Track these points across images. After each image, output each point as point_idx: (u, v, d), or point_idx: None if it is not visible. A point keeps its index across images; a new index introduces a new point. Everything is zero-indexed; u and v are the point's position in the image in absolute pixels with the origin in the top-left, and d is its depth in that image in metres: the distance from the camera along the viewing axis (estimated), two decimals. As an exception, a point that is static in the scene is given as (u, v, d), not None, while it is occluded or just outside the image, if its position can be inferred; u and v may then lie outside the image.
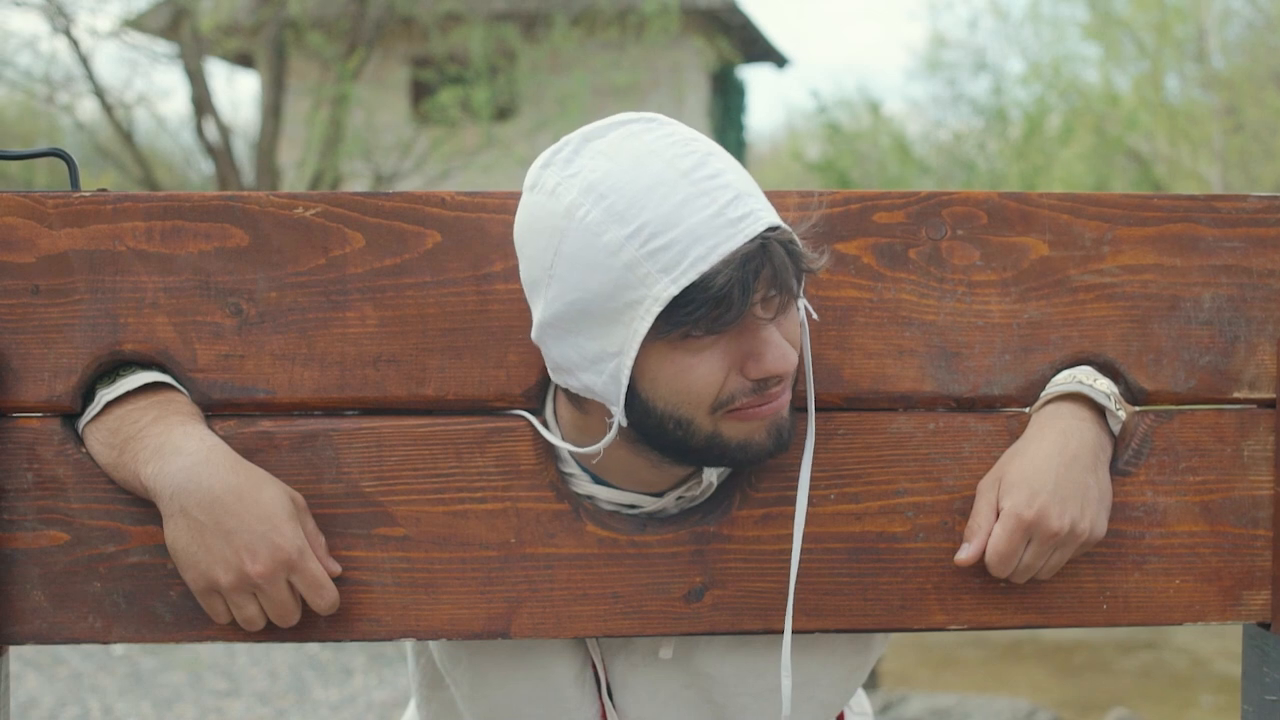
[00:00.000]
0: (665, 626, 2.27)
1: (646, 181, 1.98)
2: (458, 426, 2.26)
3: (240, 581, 2.10)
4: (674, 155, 2.00)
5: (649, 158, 2.00)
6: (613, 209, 1.98)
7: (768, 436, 2.13)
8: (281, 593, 2.13)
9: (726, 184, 1.99)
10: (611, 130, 2.06)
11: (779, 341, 2.06)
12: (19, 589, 2.22)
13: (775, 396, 2.10)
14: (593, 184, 2.00)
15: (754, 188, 2.05)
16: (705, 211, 1.97)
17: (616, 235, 1.97)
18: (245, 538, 2.08)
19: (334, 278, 2.26)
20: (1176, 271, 2.36)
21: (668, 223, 1.97)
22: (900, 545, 2.30)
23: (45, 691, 9.92)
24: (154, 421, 2.17)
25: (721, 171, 2.00)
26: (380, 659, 11.08)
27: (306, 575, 2.13)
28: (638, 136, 2.03)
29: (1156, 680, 12.41)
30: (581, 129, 2.07)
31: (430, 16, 20.06)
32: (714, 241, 1.96)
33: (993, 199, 2.34)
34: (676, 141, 2.02)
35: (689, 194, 1.97)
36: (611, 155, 2.02)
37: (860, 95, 26.82)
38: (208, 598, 2.14)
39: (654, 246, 1.96)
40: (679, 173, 1.98)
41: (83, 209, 2.25)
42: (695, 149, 2.02)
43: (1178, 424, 2.35)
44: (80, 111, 20.61)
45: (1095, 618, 2.34)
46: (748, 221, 1.98)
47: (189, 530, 2.10)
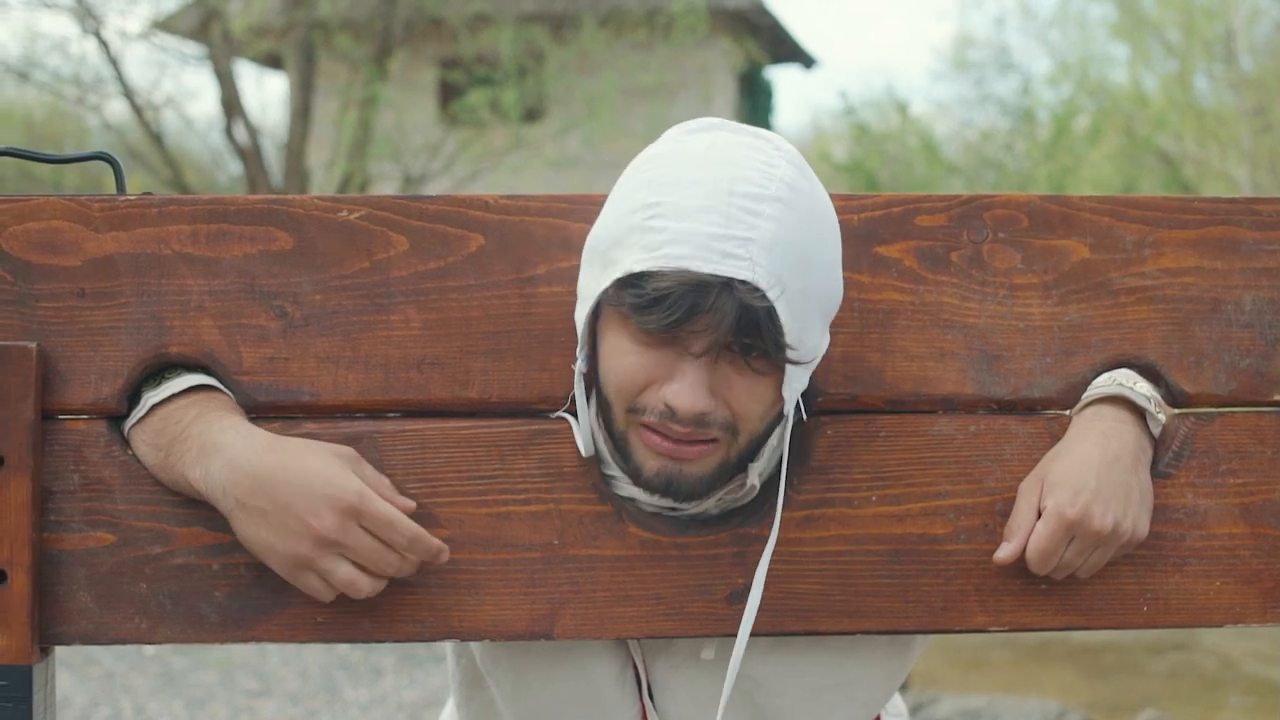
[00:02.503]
0: (707, 628, 2.28)
1: (696, 177, 2.01)
2: (501, 429, 2.27)
3: (317, 544, 2.07)
4: (741, 175, 2.01)
5: (720, 165, 2.02)
6: (657, 179, 2.04)
7: (656, 474, 2.14)
8: (363, 540, 2.08)
9: (753, 225, 1.98)
10: (731, 133, 2.10)
11: (694, 382, 2.06)
12: (66, 590, 2.23)
13: (678, 438, 2.10)
14: (669, 154, 2.08)
15: (786, 250, 2.01)
16: (711, 229, 1.98)
17: (641, 199, 2.04)
18: (304, 502, 2.06)
19: (378, 280, 2.27)
20: (1217, 274, 2.36)
21: (677, 214, 1.99)
22: (941, 547, 2.30)
23: (78, 691, 9.95)
24: (195, 420, 2.18)
25: (762, 215, 1.99)
26: (411, 659, 11.09)
27: (374, 514, 2.07)
28: (738, 148, 2.06)
29: (1186, 681, 12.37)
30: (732, 123, 2.13)
31: (459, 18, 20.10)
32: (691, 253, 1.97)
33: (1034, 202, 2.34)
34: (758, 166, 2.03)
35: (715, 208, 1.98)
36: (704, 145, 2.07)
37: (888, 96, 26.77)
38: (300, 576, 2.11)
39: (653, 225, 2.00)
40: (727, 189, 1.99)
41: (128, 212, 2.26)
42: (766, 182, 2.02)
43: (1218, 426, 2.35)
44: (109, 113, 20.75)
45: (1136, 619, 2.34)
46: (734, 263, 1.97)
47: (251, 520, 2.10)
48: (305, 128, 19.15)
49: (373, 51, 19.27)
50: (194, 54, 20.37)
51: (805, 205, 2.05)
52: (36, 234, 2.25)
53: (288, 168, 18.96)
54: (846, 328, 2.28)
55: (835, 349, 2.27)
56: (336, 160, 19.49)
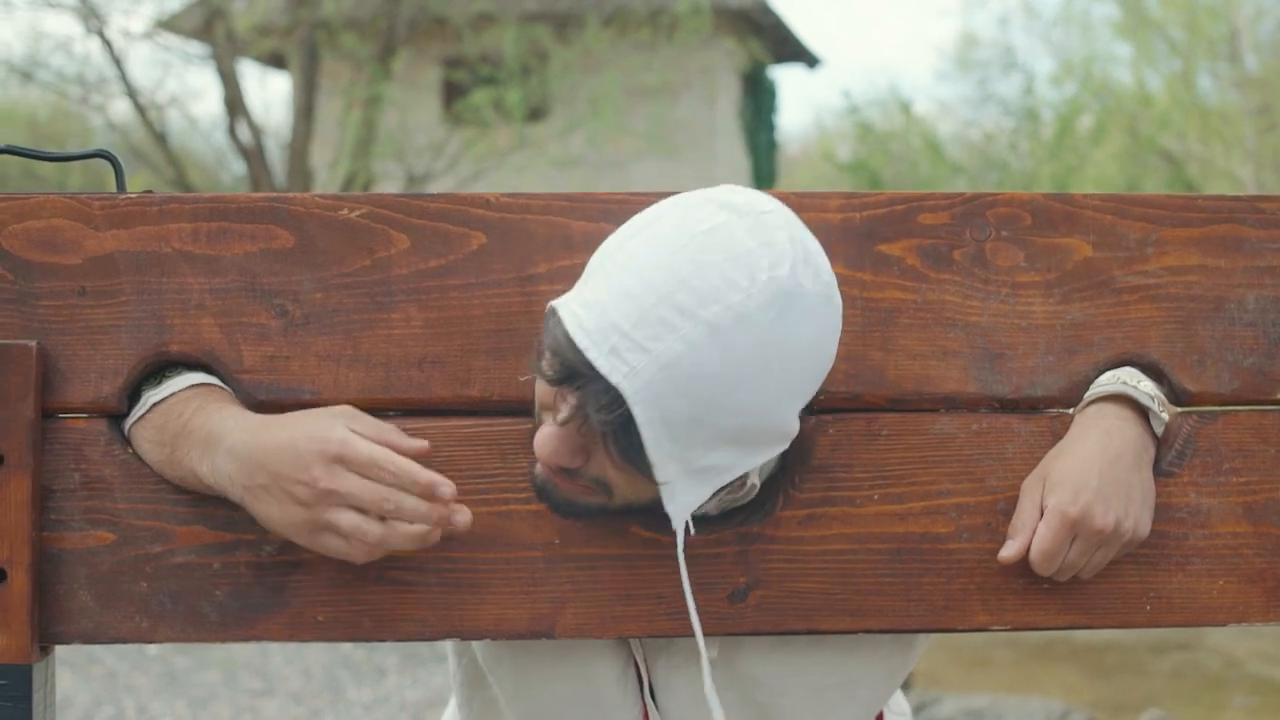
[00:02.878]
0: (709, 627, 2.26)
1: (655, 261, 1.93)
2: (502, 427, 2.26)
3: (316, 499, 2.03)
4: (690, 284, 1.90)
5: (685, 263, 1.92)
6: (634, 237, 1.98)
7: (536, 474, 2.18)
8: (355, 484, 2.02)
9: (660, 339, 1.89)
10: (742, 231, 1.95)
11: (553, 437, 2.04)
12: (66, 589, 2.23)
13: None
14: (669, 217, 1.98)
15: (687, 378, 1.90)
16: (620, 320, 1.91)
17: (613, 246, 2.01)
18: (292, 462, 2.03)
19: (379, 279, 2.26)
20: (1221, 273, 2.35)
21: (611, 284, 1.94)
22: (943, 546, 2.29)
23: (80, 691, 9.95)
24: (196, 412, 2.17)
25: (678, 332, 1.89)
26: (414, 659, 11.09)
27: (356, 456, 2.02)
28: (721, 254, 1.92)
29: (1190, 681, 12.37)
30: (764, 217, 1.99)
31: (463, 17, 20.09)
32: (590, 330, 1.93)
33: (1037, 200, 2.33)
34: (719, 283, 1.90)
35: (641, 301, 1.91)
36: (703, 230, 1.95)
37: (892, 95, 26.78)
38: (321, 540, 2.07)
39: (594, 276, 1.99)
40: (666, 291, 1.90)
41: (128, 210, 2.26)
42: (709, 304, 1.89)
43: (1221, 425, 2.34)
44: (113, 112, 20.73)
45: (1139, 619, 2.33)
46: (614, 363, 1.91)
47: (260, 500, 2.08)
48: (309, 127, 19.16)
49: (376, 51, 19.28)
50: (198, 53, 20.37)
51: (745, 342, 1.91)
52: (37, 232, 2.24)
53: (291, 167, 18.96)
54: (849, 326, 2.26)
55: (838, 348, 2.27)
56: (340, 160, 19.51)
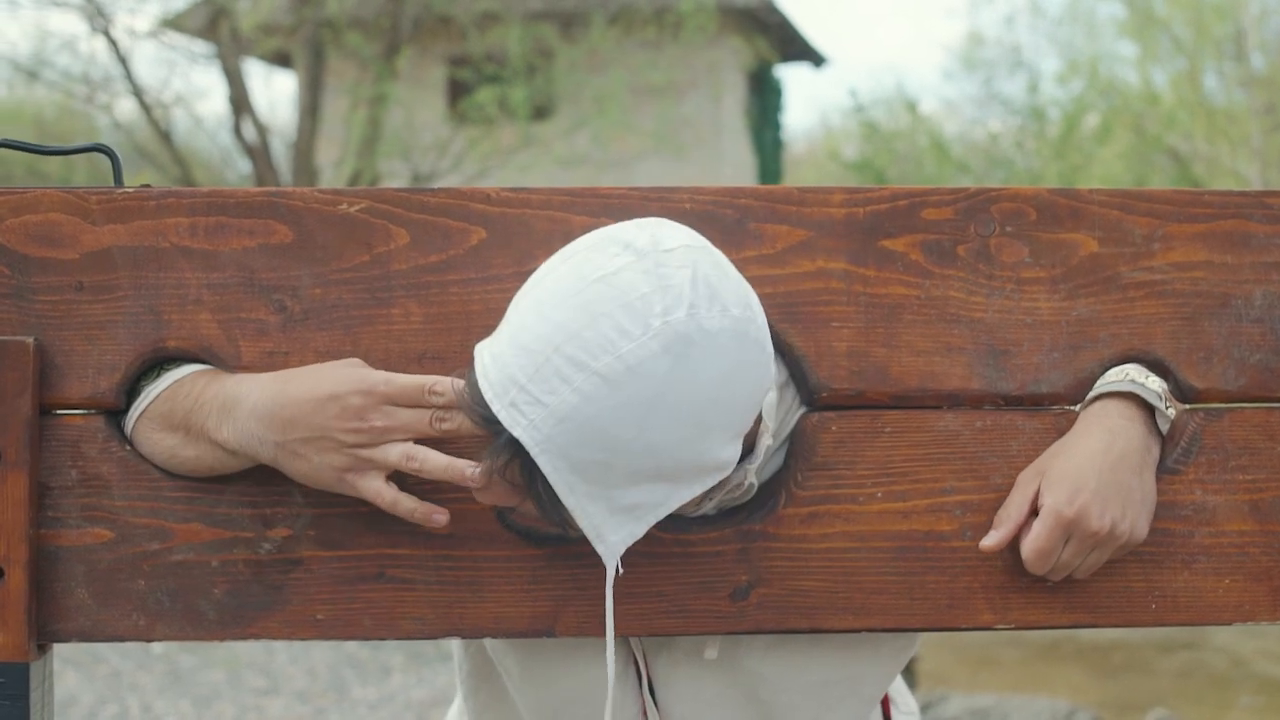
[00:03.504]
0: (710, 625, 2.26)
1: (551, 314, 1.90)
2: (503, 424, 2.24)
3: (358, 442, 2.06)
4: (582, 335, 1.87)
5: (579, 311, 1.88)
6: (539, 285, 1.96)
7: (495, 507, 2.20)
8: (408, 415, 2.06)
9: (554, 391, 1.86)
10: (638, 274, 1.90)
11: (484, 477, 2.02)
12: (63, 586, 2.22)
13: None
14: (573, 264, 1.94)
15: (583, 427, 1.87)
16: (518, 374, 1.89)
17: (520, 294, 1.98)
18: (334, 409, 2.05)
19: (378, 274, 2.25)
20: (1227, 269, 2.34)
21: (512, 337, 1.92)
22: (947, 544, 2.28)
23: (85, 690, 9.96)
24: (206, 385, 2.17)
25: (572, 384, 1.86)
26: (419, 658, 11.10)
27: (404, 386, 2.06)
28: (616, 299, 1.87)
29: (1196, 680, 12.38)
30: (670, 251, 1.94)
31: (468, 16, 20.12)
32: (494, 383, 1.90)
33: (1042, 195, 2.32)
34: (610, 332, 1.86)
35: (536, 354, 1.88)
36: (598, 275, 1.90)
37: (898, 94, 26.80)
38: (365, 480, 2.09)
39: (503, 327, 1.96)
40: (558, 343, 1.87)
41: (126, 205, 2.25)
42: (600, 354, 1.86)
43: (1227, 422, 2.33)
44: (118, 111, 20.73)
45: (1144, 617, 2.32)
46: (515, 415, 1.89)
47: (298, 456, 2.09)
48: (314, 126, 19.18)
49: (381, 49, 19.30)
50: (203, 52, 20.38)
51: (639, 389, 1.87)
52: (34, 227, 2.23)
53: (296, 166, 18.98)
54: (852, 323, 2.26)
55: (840, 344, 2.26)
56: (345, 158, 19.52)
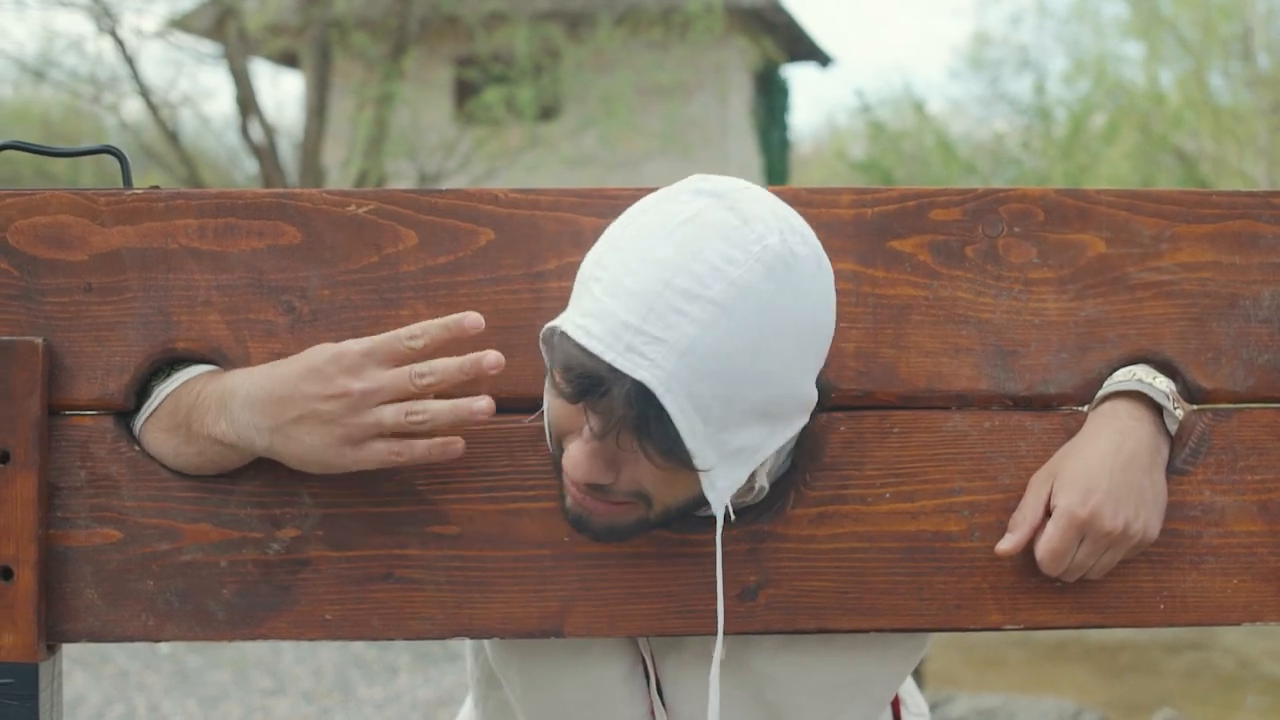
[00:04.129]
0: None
1: (646, 255, 1.93)
2: (511, 424, 2.25)
3: (353, 406, 2.05)
4: (688, 268, 1.90)
5: (676, 248, 1.92)
6: (619, 242, 1.98)
7: (570, 509, 2.14)
8: (390, 375, 2.06)
9: (673, 326, 1.88)
10: (722, 210, 1.95)
11: (587, 454, 2.01)
12: (72, 587, 2.22)
13: (574, 488, 2.09)
14: (648, 215, 1.99)
15: (705, 359, 1.89)
16: (629, 318, 1.90)
17: (598, 256, 2.00)
18: (317, 382, 2.05)
19: (387, 275, 2.25)
20: (1235, 269, 2.33)
21: (609, 290, 1.93)
22: (956, 544, 2.28)
23: (92, 690, 9.97)
24: (206, 384, 2.18)
25: (688, 316, 1.88)
26: (425, 658, 11.10)
27: (377, 343, 2.06)
28: (709, 232, 1.92)
29: (1203, 681, 12.37)
30: (742, 194, 1.99)
31: (475, 16, 20.12)
32: (601, 336, 1.91)
33: (1050, 196, 2.32)
34: (715, 259, 1.90)
35: (644, 296, 1.90)
36: (682, 218, 1.95)
37: (905, 94, 26.79)
38: (368, 452, 2.08)
39: (590, 290, 1.96)
40: (665, 280, 1.90)
41: (135, 206, 2.25)
42: (712, 281, 1.89)
43: (1236, 423, 2.33)
44: (125, 112, 20.76)
45: (1152, 618, 2.31)
46: (634, 359, 1.89)
47: (292, 438, 2.08)
48: (321, 126, 19.17)
49: (388, 50, 19.29)
50: (210, 53, 20.40)
51: (752, 313, 1.91)
52: (43, 228, 2.23)
53: (303, 166, 18.98)
54: (860, 323, 2.26)
55: (848, 344, 2.26)
56: (352, 158, 19.52)
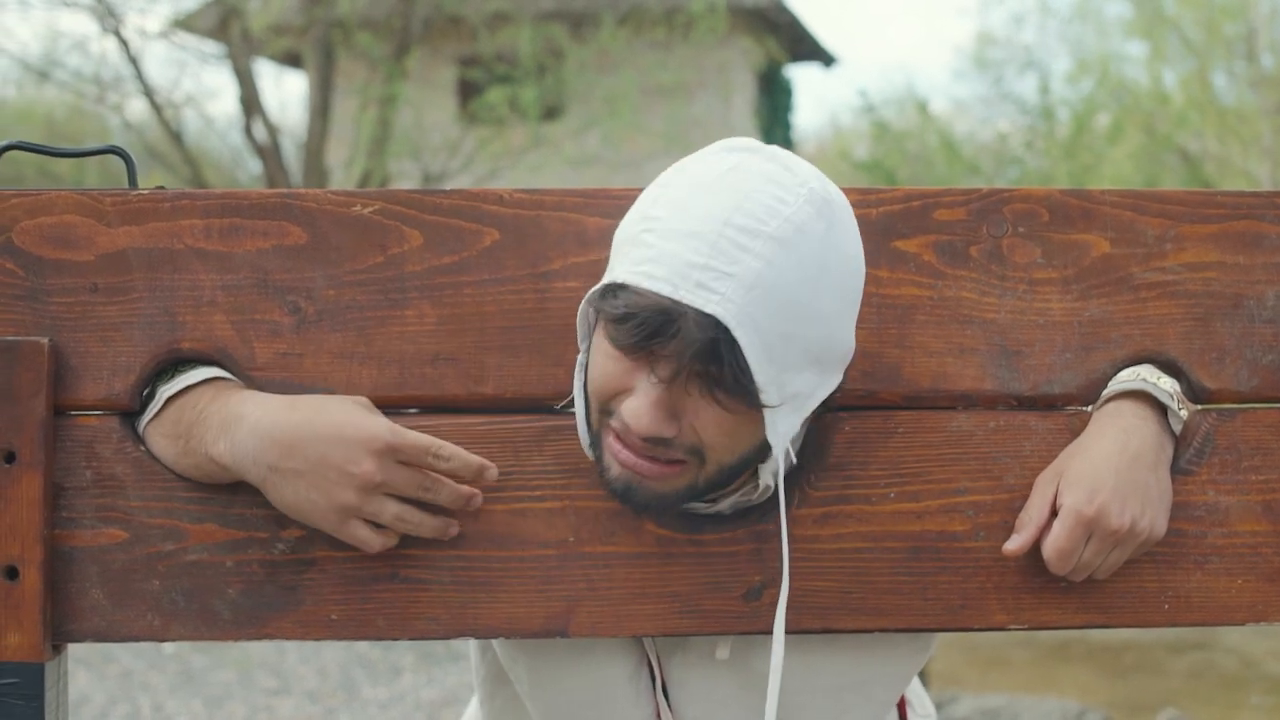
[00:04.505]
0: (724, 625, 2.26)
1: (700, 200, 1.99)
2: (516, 425, 2.25)
3: (361, 490, 2.07)
4: (744, 207, 1.96)
5: (729, 192, 1.98)
6: (666, 194, 2.04)
7: (617, 479, 2.12)
8: (403, 475, 2.09)
9: (737, 260, 1.94)
10: (762, 160, 2.04)
11: (652, 404, 2.02)
12: (78, 587, 2.22)
13: (631, 450, 2.08)
14: (691, 170, 2.06)
15: (769, 292, 1.95)
16: (693, 256, 1.94)
17: (645, 210, 2.04)
18: (340, 452, 2.07)
19: (392, 276, 2.26)
20: (1240, 269, 2.34)
21: (667, 234, 1.97)
22: (960, 544, 2.28)
23: (96, 689, 9.97)
24: (212, 401, 2.18)
25: (751, 251, 1.94)
26: (429, 658, 11.10)
27: (411, 445, 2.08)
28: (757, 177, 2.00)
29: (1206, 681, 12.36)
30: (773, 150, 2.08)
31: (478, 16, 20.11)
32: (667, 277, 1.95)
33: (1054, 196, 2.32)
34: (768, 200, 1.98)
35: (705, 235, 1.95)
36: (726, 167, 2.02)
37: (908, 94, 26.79)
38: (347, 528, 2.11)
39: (644, 239, 1.99)
40: (724, 219, 1.95)
41: (140, 207, 2.25)
42: (768, 218, 1.96)
43: (1240, 423, 2.33)
44: (129, 112, 20.75)
45: (1157, 618, 2.31)
46: (705, 295, 1.93)
47: (288, 483, 2.09)
48: (324, 126, 19.17)
49: (392, 50, 19.29)
50: (213, 53, 20.40)
51: (809, 250, 1.98)
52: (49, 228, 2.24)
53: (307, 166, 18.99)
54: (864, 323, 2.25)
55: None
56: (356, 158, 19.52)
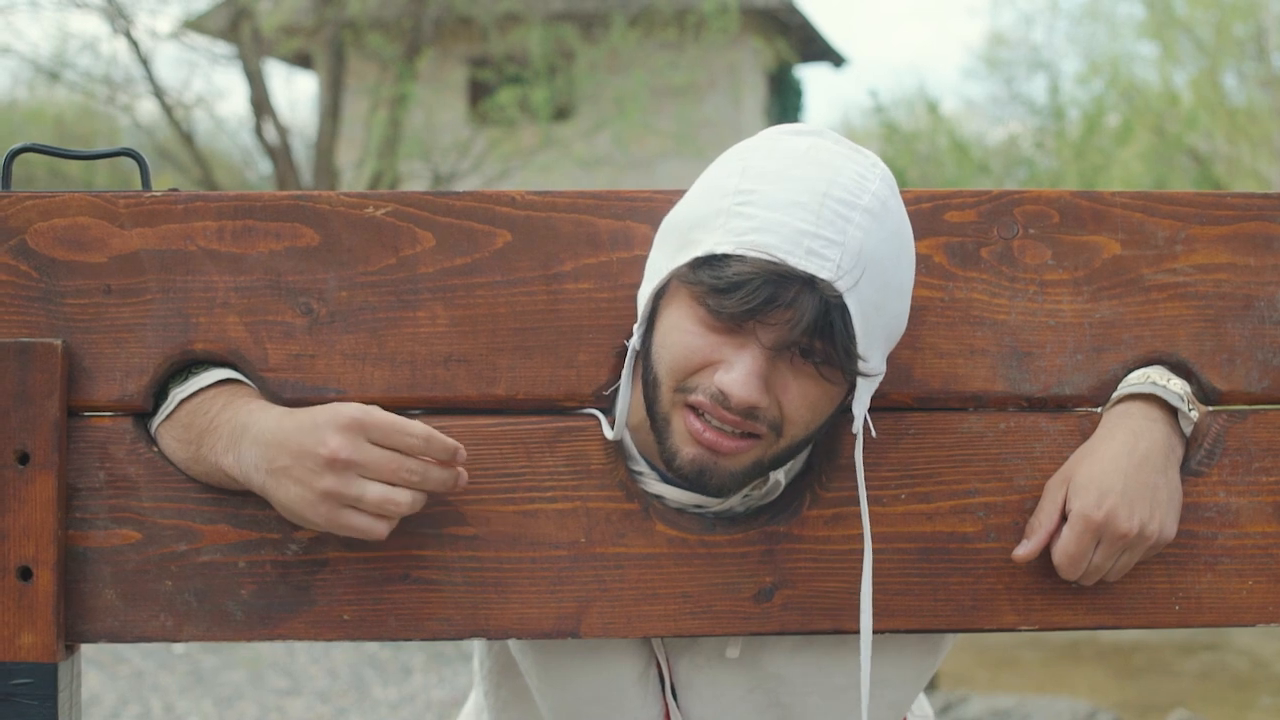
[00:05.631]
0: (735, 626, 2.27)
1: (792, 173, 2.03)
2: (528, 426, 2.26)
3: (334, 471, 2.03)
4: (838, 181, 2.02)
5: (818, 166, 2.04)
6: (752, 169, 2.06)
7: (690, 461, 2.12)
8: (376, 454, 2.04)
9: (843, 230, 1.99)
10: (832, 142, 2.10)
11: (754, 372, 2.04)
12: (91, 587, 2.23)
13: (720, 427, 2.09)
14: (767, 148, 2.10)
15: (870, 263, 2.02)
16: (802, 225, 1.98)
17: (733, 185, 2.05)
18: (310, 437, 2.05)
19: (404, 277, 2.26)
20: (1250, 271, 2.34)
21: (768, 204, 2.00)
22: (971, 545, 2.28)
23: (107, 690, 9.98)
24: (222, 409, 2.18)
25: (853, 222, 2.00)
26: (439, 658, 11.11)
27: (378, 423, 2.04)
28: (837, 155, 2.07)
29: (1217, 682, 12.35)
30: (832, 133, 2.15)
31: (489, 17, 20.11)
32: (779, 244, 1.98)
33: (1065, 197, 2.32)
34: (854, 175, 2.05)
35: (809, 205, 1.99)
36: (804, 146, 2.08)
37: (919, 94, 26.76)
38: (341, 518, 2.07)
39: (742, 210, 2.02)
40: (823, 190, 2.01)
41: (154, 209, 2.26)
42: (860, 192, 2.03)
43: (1251, 424, 2.33)
44: (140, 113, 20.75)
45: (1167, 619, 2.32)
46: (819, 261, 1.98)
47: (280, 484, 2.08)
48: (335, 127, 19.18)
49: (402, 50, 19.30)
50: (224, 53, 20.40)
51: (891, 225, 2.06)
52: (62, 230, 2.24)
53: (317, 167, 18.99)
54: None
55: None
56: (366, 159, 19.52)
